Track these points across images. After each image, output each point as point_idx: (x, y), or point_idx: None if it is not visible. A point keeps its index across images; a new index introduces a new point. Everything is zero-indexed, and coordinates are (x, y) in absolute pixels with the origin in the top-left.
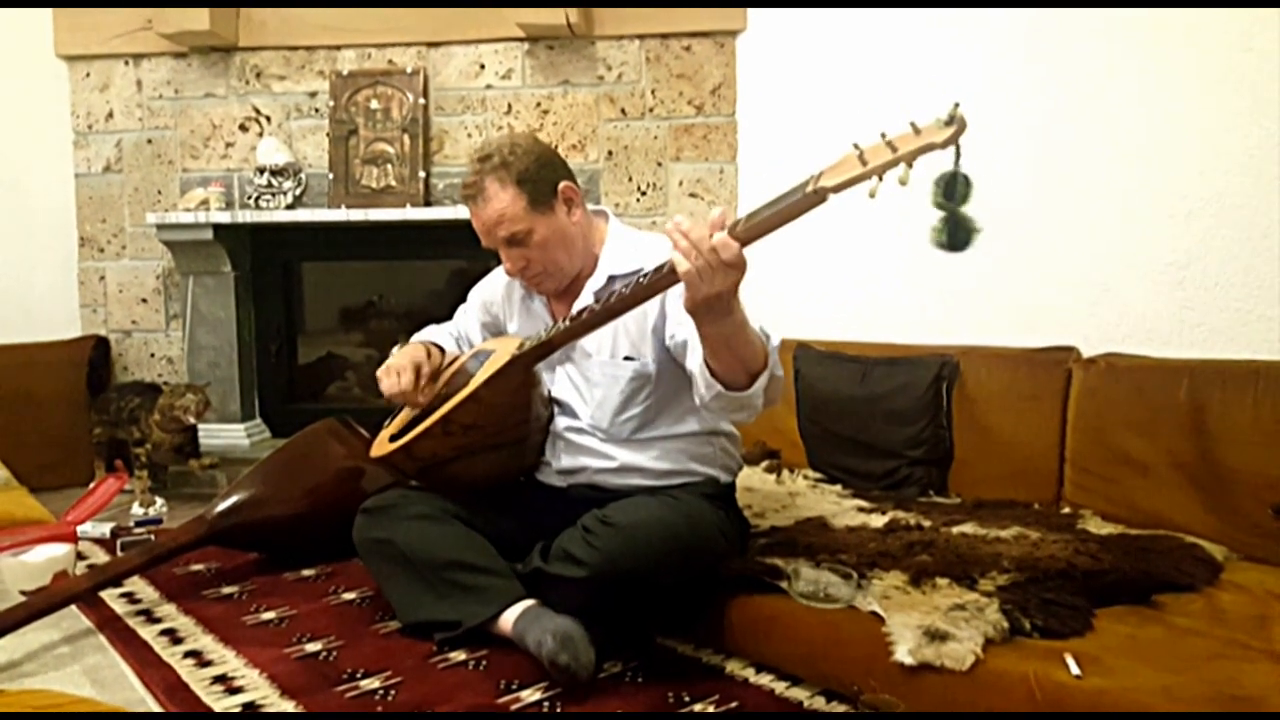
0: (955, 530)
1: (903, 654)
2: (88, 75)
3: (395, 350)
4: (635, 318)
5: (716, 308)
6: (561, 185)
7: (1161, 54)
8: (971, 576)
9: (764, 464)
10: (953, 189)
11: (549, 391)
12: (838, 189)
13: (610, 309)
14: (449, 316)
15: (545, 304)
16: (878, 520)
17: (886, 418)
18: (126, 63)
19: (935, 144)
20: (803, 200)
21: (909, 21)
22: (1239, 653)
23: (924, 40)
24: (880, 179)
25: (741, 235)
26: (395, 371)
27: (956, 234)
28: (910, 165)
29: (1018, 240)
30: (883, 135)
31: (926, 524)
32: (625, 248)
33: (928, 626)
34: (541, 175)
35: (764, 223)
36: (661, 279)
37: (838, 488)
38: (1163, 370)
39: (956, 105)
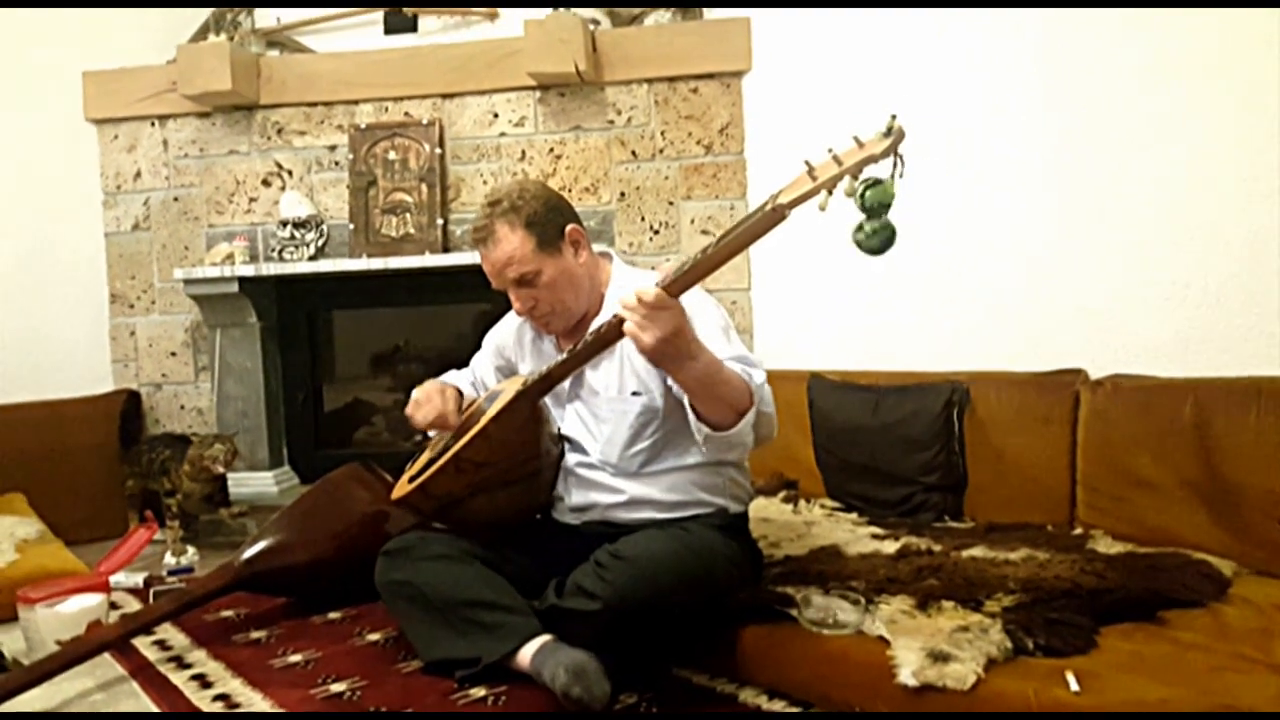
0: (965, 554)
1: (906, 676)
2: (116, 137)
3: (416, 392)
4: None
5: (670, 353)
6: (568, 228)
7: (1161, 79)
8: (977, 599)
9: (781, 494)
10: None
11: (558, 429)
12: (793, 204)
13: (602, 338)
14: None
15: (555, 344)
16: (890, 547)
17: (900, 445)
18: (153, 124)
19: (875, 155)
20: (763, 219)
21: (914, 54)
22: (1241, 665)
23: (930, 72)
24: (830, 192)
25: (702, 263)
26: (425, 399)
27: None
28: (855, 176)
29: (1023, 266)
30: (830, 150)
31: (937, 549)
32: (629, 287)
33: (931, 648)
34: (549, 218)
35: (732, 242)
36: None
37: (854, 516)
38: (1167, 389)
39: (894, 117)
